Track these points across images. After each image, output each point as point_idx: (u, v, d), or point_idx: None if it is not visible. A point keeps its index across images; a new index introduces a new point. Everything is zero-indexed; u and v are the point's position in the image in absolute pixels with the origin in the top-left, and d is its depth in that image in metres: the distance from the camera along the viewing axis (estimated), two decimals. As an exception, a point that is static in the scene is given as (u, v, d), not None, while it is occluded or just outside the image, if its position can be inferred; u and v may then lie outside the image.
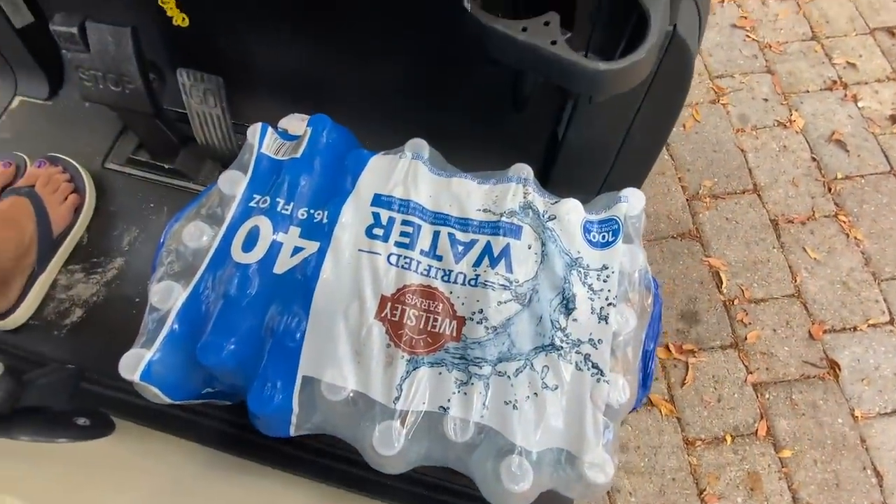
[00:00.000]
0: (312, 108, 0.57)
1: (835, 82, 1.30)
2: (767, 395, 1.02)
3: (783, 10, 1.39)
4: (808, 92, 1.29)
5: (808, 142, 1.24)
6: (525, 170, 0.50)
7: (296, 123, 0.57)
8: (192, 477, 0.44)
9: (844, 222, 1.16)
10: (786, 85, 1.30)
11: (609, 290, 0.45)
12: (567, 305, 0.44)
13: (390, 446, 0.39)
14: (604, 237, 0.47)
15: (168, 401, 0.44)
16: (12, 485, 0.27)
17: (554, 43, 0.41)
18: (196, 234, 0.45)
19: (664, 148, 1.22)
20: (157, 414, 0.55)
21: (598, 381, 0.42)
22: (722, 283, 1.10)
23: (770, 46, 1.34)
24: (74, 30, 0.58)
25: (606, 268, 0.45)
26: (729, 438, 0.98)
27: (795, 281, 1.10)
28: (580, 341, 0.43)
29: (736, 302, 1.09)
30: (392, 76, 0.64)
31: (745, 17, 1.38)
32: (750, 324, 1.07)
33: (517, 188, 0.48)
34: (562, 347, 0.42)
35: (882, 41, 1.38)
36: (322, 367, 0.41)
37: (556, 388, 0.41)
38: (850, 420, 0.99)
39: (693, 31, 0.48)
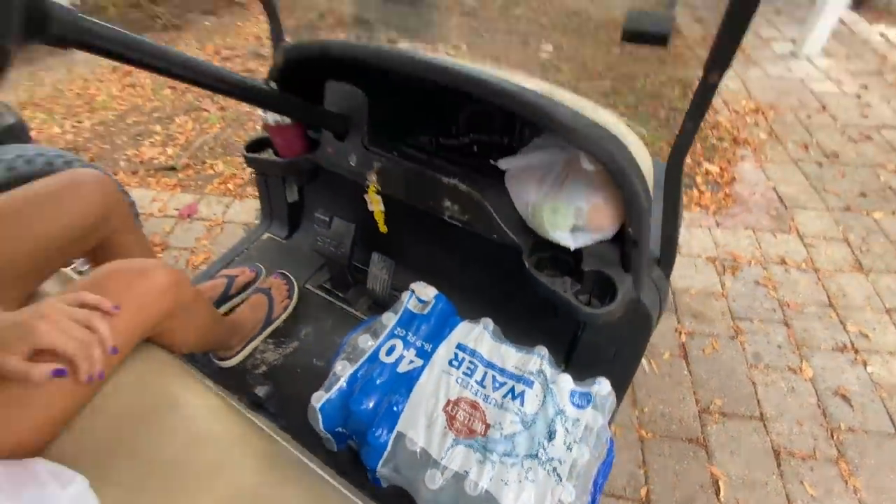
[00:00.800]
0: (435, 280, 1.00)
1: (846, 346, 1.54)
2: None
3: (804, 280, 1.71)
4: (819, 348, 1.53)
5: (815, 390, 1.44)
6: (543, 350, 0.86)
7: (421, 288, 1.00)
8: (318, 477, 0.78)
9: (844, 469, 1.30)
10: (799, 339, 1.56)
11: (577, 434, 0.76)
12: (550, 436, 0.76)
13: (434, 483, 0.71)
14: (581, 402, 0.80)
15: (321, 427, 0.80)
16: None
17: (566, 292, 0.81)
18: (364, 341, 0.86)
19: (684, 363, 1.50)
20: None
21: (557, 484, 0.71)
22: (720, 491, 1.27)
23: (788, 305, 1.64)
24: (327, 219, 1.11)
25: (578, 421, 0.78)
26: None
27: (791, 510, 1.24)
28: (553, 458, 0.74)
29: (732, 513, 1.24)
30: (479, 279, 1.09)
31: (769, 279, 1.71)
32: (743, 537, 1.20)
33: (537, 359, 0.84)
34: (541, 458, 0.74)
35: (898, 320, 1.61)
36: (408, 428, 0.76)
37: (532, 481, 0.72)
38: None
39: (654, 301, 0.86)
